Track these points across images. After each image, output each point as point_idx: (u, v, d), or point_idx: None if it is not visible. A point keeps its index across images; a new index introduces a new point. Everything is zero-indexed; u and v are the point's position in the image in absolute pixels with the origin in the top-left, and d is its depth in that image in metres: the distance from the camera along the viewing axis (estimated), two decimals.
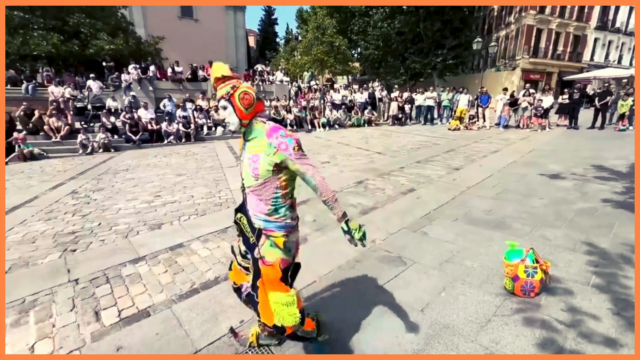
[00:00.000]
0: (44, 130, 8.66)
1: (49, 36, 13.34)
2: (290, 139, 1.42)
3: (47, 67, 13.82)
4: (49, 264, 3.04)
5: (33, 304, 2.46)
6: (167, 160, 7.67)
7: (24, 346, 2.06)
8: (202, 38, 24.28)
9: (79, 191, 5.27)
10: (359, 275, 2.72)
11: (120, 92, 11.99)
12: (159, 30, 19.82)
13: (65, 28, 14.23)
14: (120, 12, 17.36)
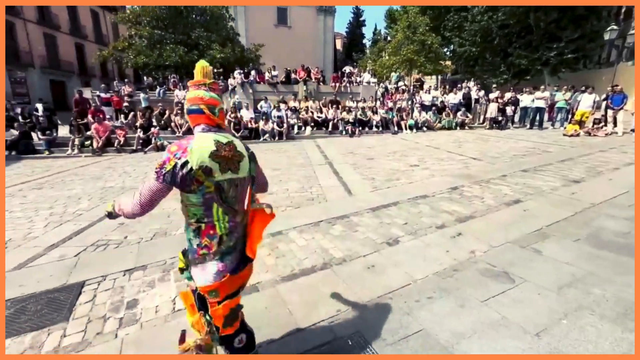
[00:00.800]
0: (171, 126, 10.55)
1: (177, 49, 16.11)
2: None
3: (174, 75, 16.69)
4: (180, 235, 3.70)
5: (172, 265, 3.05)
6: (264, 155, 8.49)
7: (168, 298, 2.56)
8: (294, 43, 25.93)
9: None
10: (458, 285, 2.57)
11: (226, 95, 13.73)
12: (258, 38, 21.94)
13: (188, 41, 16.99)
14: (230, 24, 19.88)
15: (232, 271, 1.39)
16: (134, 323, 2.30)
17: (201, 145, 1.27)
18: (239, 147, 1.41)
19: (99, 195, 5.33)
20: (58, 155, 9.22)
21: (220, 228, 1.36)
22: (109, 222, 4.13)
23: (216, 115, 1.37)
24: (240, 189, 1.41)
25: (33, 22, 20.75)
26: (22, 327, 2.28)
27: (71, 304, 2.53)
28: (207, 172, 1.26)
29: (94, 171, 7.21)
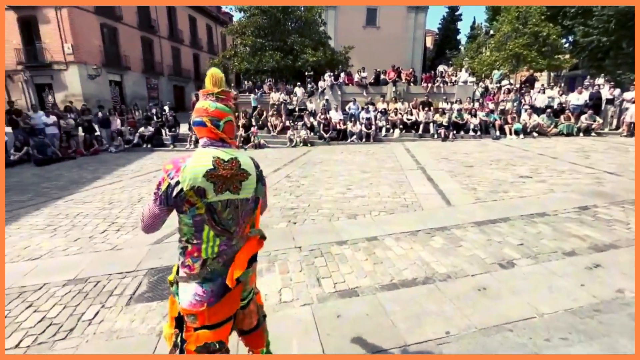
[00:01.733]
0: (267, 126, 11.51)
1: (274, 55, 17.49)
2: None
3: (270, 79, 18.15)
4: (281, 229, 3.97)
5: (276, 257, 3.28)
6: (352, 157, 8.56)
7: (274, 289, 2.75)
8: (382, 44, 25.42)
9: (291, 176, 6.65)
10: (605, 331, 2.10)
11: (316, 97, 14.31)
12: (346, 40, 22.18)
13: (284, 47, 18.27)
14: (321, 28, 20.66)
15: (210, 302, 1.24)
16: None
17: (196, 163, 1.17)
18: (244, 165, 1.27)
19: None
20: (180, 148, 11.00)
21: (206, 252, 1.25)
22: None
23: (220, 129, 1.24)
24: (242, 210, 1.28)
25: (165, 38, 25.20)
26: (164, 294, 2.73)
27: None
28: (200, 193, 1.16)
29: None
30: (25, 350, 2.16)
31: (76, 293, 2.76)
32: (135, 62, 22.21)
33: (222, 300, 1.26)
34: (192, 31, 28.60)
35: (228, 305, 1.31)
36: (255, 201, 1.33)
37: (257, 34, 18.55)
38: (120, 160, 9.21)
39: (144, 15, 22.67)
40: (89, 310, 2.54)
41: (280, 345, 2.11)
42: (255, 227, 1.39)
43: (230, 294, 1.29)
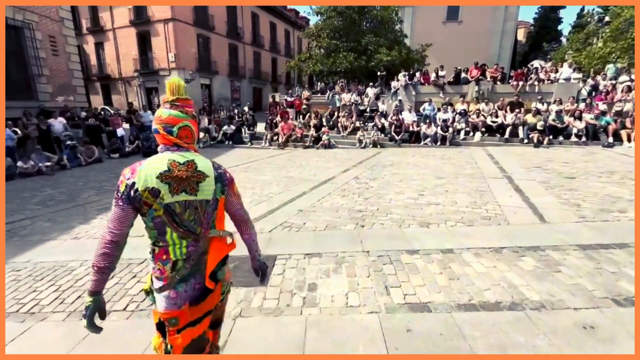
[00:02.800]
0: (337, 126, 11.62)
1: (348, 56, 17.57)
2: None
3: (342, 79, 18.30)
4: (348, 231, 3.93)
5: (343, 259, 3.25)
6: (425, 161, 8.09)
7: (341, 291, 2.72)
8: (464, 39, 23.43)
9: (360, 177, 6.57)
10: None
11: (388, 97, 13.91)
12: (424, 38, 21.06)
13: (358, 48, 18.22)
14: (397, 27, 20.02)
15: (192, 302, 1.28)
16: (314, 306, 2.54)
17: (150, 166, 1.20)
18: (201, 167, 1.27)
19: (284, 182, 6.39)
20: (256, 146, 11.85)
21: (175, 253, 1.26)
22: (292, 207, 4.89)
23: (173, 135, 1.25)
24: (203, 211, 1.28)
25: (248, 44, 27.44)
26: (239, 281, 2.92)
27: (268, 272, 3.08)
28: (155, 193, 1.18)
29: (278, 161, 8.80)
30: (129, 315, 2.53)
31: None
32: (223, 67, 24.68)
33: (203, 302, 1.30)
34: (272, 36, 30.55)
35: (209, 302, 1.34)
36: (215, 203, 1.32)
37: (332, 36, 18.87)
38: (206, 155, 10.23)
39: (232, 24, 25.02)
40: None
41: (344, 351, 2.07)
42: (217, 227, 1.35)
43: (212, 296, 1.34)
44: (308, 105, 13.71)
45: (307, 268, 3.10)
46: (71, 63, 12.54)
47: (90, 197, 5.82)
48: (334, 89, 17.17)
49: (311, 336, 2.21)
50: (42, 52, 11.17)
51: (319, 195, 5.43)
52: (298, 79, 34.60)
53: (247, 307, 2.55)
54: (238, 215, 1.44)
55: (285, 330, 2.28)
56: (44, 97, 11.31)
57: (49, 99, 11.45)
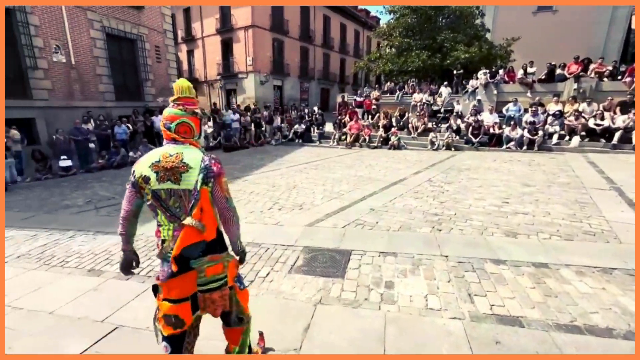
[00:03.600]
0: (408, 127, 11.27)
1: (421, 54, 16.86)
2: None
3: (413, 79, 17.63)
4: (423, 234, 3.82)
5: (420, 261, 3.17)
6: (508, 166, 7.38)
7: (420, 292, 2.66)
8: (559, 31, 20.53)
9: (434, 180, 6.29)
10: None
11: (465, 97, 12.98)
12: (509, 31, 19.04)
13: (433, 45, 17.34)
14: (478, 21, 18.51)
15: (163, 279, 1.43)
16: (392, 303, 2.54)
17: (148, 157, 1.42)
18: (187, 159, 1.40)
19: (354, 181, 6.46)
20: (324, 145, 12.17)
21: (163, 233, 1.45)
22: (363, 205, 4.92)
23: (171, 130, 1.43)
24: (186, 200, 1.40)
25: (319, 46, 28.21)
26: (316, 271, 3.07)
27: (344, 265, 3.17)
28: (146, 180, 1.39)
29: (347, 161, 8.91)
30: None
31: (253, 254, 3.44)
32: (294, 69, 25.83)
33: (174, 280, 1.42)
34: (342, 37, 30.91)
35: (180, 286, 1.44)
36: (197, 192, 1.39)
37: (404, 34, 18.32)
38: (279, 152, 10.97)
39: (304, 28, 26.01)
40: (263, 269, 3.13)
41: (427, 351, 2.04)
42: (196, 217, 1.39)
43: (180, 278, 1.43)
44: (377, 106, 13.57)
45: (383, 266, 3.11)
46: (170, 69, 14.46)
47: None
48: (404, 88, 16.68)
49: (391, 332, 2.23)
50: (149, 60, 13.11)
51: (390, 195, 5.37)
52: (366, 79, 34.39)
53: (326, 296, 2.67)
54: (221, 210, 1.49)
55: (364, 323, 2.33)
56: (148, 98, 13.27)
57: (152, 99, 13.39)
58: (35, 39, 9.34)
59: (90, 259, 3.49)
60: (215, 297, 1.47)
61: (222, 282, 1.49)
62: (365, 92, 15.58)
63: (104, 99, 11.46)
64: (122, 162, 9.18)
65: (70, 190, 6.73)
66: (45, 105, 9.71)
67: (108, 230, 4.26)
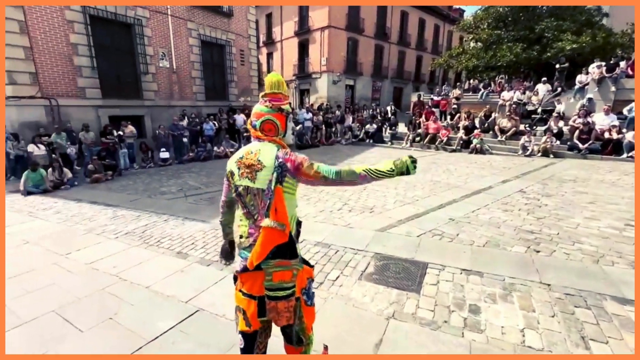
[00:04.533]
0: (494, 129, 10.06)
1: (514, 47, 14.92)
2: None
3: (502, 75, 15.75)
4: (516, 254, 3.28)
5: (513, 286, 2.71)
6: (630, 180, 5.99)
7: (514, 324, 2.26)
8: None
9: (527, 192, 5.45)
10: None
11: (569, 95, 11.05)
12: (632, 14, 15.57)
13: (529, 36, 15.20)
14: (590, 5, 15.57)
15: (237, 271, 1.47)
16: (479, 332, 2.21)
17: (236, 154, 1.46)
18: (262, 157, 1.38)
19: (429, 186, 6.00)
20: (396, 146, 11.69)
21: (242, 229, 1.46)
22: (441, 214, 4.50)
23: (257, 128, 1.43)
24: (260, 199, 1.38)
25: (394, 43, 27.27)
26: (388, 282, 2.86)
27: (420, 279, 2.89)
28: (232, 175, 1.44)
29: (422, 164, 8.32)
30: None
31: (323, 255, 3.39)
32: (367, 68, 25.47)
33: (245, 275, 1.42)
34: (419, 34, 29.34)
35: (249, 283, 1.42)
36: (270, 192, 1.35)
37: (493, 26, 16.47)
38: (349, 151, 10.89)
39: (380, 25, 25.40)
40: (332, 272, 3.05)
41: None
42: (272, 218, 1.34)
43: (251, 274, 1.40)
44: (458, 105, 12.47)
45: (466, 286, 2.75)
46: (251, 70, 15.54)
47: None
48: (490, 86, 15.04)
49: None
50: (234, 63, 14.28)
51: (472, 205, 4.81)
52: (443, 77, 32.13)
53: (400, 311, 2.46)
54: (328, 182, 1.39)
55: (444, 349, 2.07)
56: (232, 98, 14.47)
57: (235, 99, 14.57)
58: (148, 48, 10.93)
59: (178, 242, 3.88)
60: (280, 307, 1.39)
61: (290, 292, 1.41)
62: (444, 90, 14.46)
63: (196, 99, 12.87)
64: (208, 155, 10.19)
65: (166, 178, 7.70)
66: (151, 105, 11.33)
67: (194, 217, 4.70)
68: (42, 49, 8.59)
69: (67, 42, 9.00)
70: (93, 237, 4.10)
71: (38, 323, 2.42)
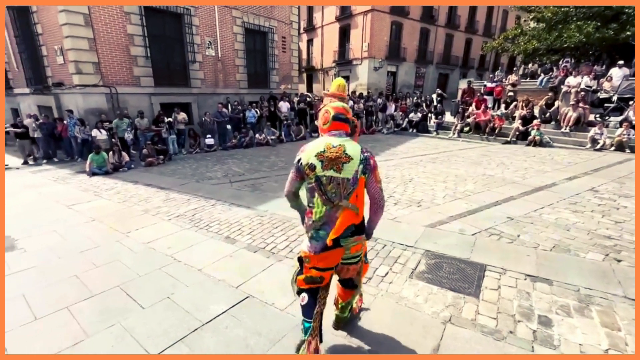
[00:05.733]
0: (556, 119, 9.06)
1: (585, 25, 13.19)
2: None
3: (567, 59, 14.09)
4: (592, 262, 2.91)
5: (590, 299, 2.40)
6: None
7: (595, 343, 1.99)
8: None
9: (600, 190, 4.84)
10: None
11: None
12: None
13: (604, 13, 13.33)
14: None
15: (315, 252, 1.69)
16: (552, 347, 1.97)
17: (313, 147, 1.61)
18: (349, 151, 1.57)
19: (482, 181, 5.57)
20: (442, 136, 11.05)
21: (315, 214, 1.64)
22: (497, 212, 4.15)
23: (348, 123, 1.67)
24: (343, 187, 1.58)
25: (442, 26, 25.56)
26: (442, 282, 2.68)
27: (477, 282, 2.67)
28: (311, 167, 1.58)
29: (471, 156, 7.79)
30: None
31: (370, 248, 3.25)
32: (411, 53, 24.24)
33: (323, 254, 1.67)
34: (470, 14, 27.20)
35: (329, 259, 1.71)
36: (355, 181, 1.58)
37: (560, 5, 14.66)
38: (391, 141, 10.51)
39: (427, 7, 23.90)
40: (380, 267, 2.93)
41: None
42: (350, 201, 1.60)
43: (331, 252, 1.67)
44: (514, 92, 11.41)
45: (533, 294, 2.49)
46: (292, 57, 15.48)
47: None
48: (552, 71, 13.57)
49: None
50: (276, 50, 14.29)
51: (534, 204, 4.37)
52: (495, 62, 29.69)
53: (457, 315, 2.28)
54: (375, 198, 1.69)
55: None
56: (272, 86, 14.58)
57: (275, 87, 14.66)
58: (195, 37, 11.28)
59: (226, 227, 3.98)
60: (352, 268, 1.81)
61: (359, 258, 1.81)
62: (497, 76, 13.28)
63: (239, 87, 13.14)
64: (250, 142, 10.41)
65: (212, 164, 8.00)
66: (198, 92, 11.76)
67: (240, 203, 4.81)
68: (104, 40, 9.21)
69: (125, 33, 9.55)
70: (149, 218, 4.36)
71: (106, 296, 2.60)
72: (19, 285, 2.78)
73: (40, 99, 10.61)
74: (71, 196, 5.51)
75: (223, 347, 2.05)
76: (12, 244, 3.61)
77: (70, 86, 9.17)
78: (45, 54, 9.79)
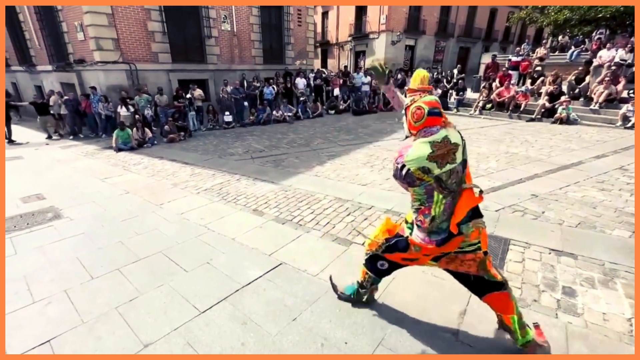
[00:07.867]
0: (587, 95, 8.66)
1: None
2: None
3: (601, 30, 13.22)
4: (619, 239, 2.92)
5: (615, 272, 2.45)
6: None
7: (618, 312, 2.06)
8: None
9: (629, 169, 4.73)
10: None
11: None
12: None
13: None
14: None
15: (437, 244, 1.64)
16: (576, 315, 2.07)
17: (417, 152, 1.50)
18: (453, 139, 1.53)
19: (505, 159, 5.50)
20: (462, 113, 10.78)
21: (435, 210, 1.58)
22: (521, 189, 4.14)
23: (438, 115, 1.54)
24: (459, 172, 1.56)
25: None
26: None
27: (501, 255, 2.75)
28: (426, 171, 1.49)
29: (493, 134, 7.62)
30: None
31: None
32: (431, 26, 23.13)
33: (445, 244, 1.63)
34: None
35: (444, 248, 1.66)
36: (464, 162, 1.59)
37: None
38: None
39: None
40: None
41: None
42: (467, 182, 1.60)
43: (452, 242, 1.62)
44: (542, 67, 10.88)
45: (558, 267, 2.55)
46: (308, 32, 15.06)
47: (319, 145, 7.10)
48: (584, 43, 12.81)
49: (576, 349, 1.82)
50: (291, 24, 13.92)
51: (560, 182, 4.32)
52: (520, 34, 28.07)
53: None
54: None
55: None
56: (288, 62, 14.34)
57: (291, 62, 14.42)
58: (211, 10, 11.10)
59: (253, 200, 4.14)
60: (468, 257, 1.68)
61: (477, 247, 1.66)
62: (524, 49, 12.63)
63: (254, 63, 13.00)
64: (268, 119, 10.45)
65: (232, 140, 8.13)
66: (214, 69, 11.73)
67: (263, 178, 4.95)
68: (122, 15, 9.20)
69: (142, 7, 9.50)
70: (179, 191, 4.57)
71: (151, 260, 2.82)
72: (72, 249, 3.04)
73: (63, 75, 10.84)
74: (103, 170, 5.79)
75: (263, 305, 2.23)
76: (58, 213, 3.89)
77: (91, 62, 9.31)
78: (65, 30, 9.89)
